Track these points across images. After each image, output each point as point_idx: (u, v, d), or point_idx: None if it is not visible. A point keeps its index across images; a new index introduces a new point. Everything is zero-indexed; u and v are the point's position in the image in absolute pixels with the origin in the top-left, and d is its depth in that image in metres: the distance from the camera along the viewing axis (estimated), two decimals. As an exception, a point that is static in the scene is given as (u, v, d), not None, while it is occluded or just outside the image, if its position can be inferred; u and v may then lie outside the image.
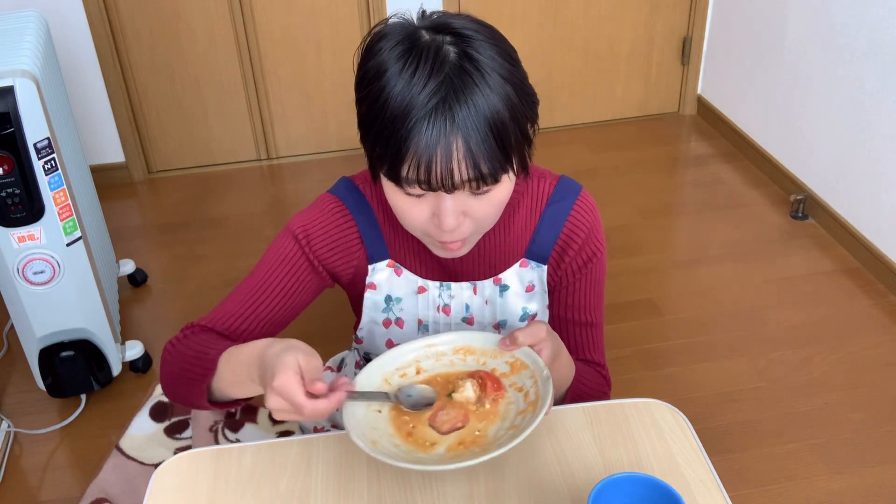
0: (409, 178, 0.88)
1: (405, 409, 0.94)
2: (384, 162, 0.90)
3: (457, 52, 0.87)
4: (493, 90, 0.86)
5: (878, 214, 2.43)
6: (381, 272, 1.11)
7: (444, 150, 0.86)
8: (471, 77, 0.85)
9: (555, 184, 1.11)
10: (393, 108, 0.86)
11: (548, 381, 0.91)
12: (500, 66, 0.88)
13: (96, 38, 2.84)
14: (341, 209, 1.10)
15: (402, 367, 1.00)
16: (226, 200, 3.00)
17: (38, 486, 1.90)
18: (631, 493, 0.82)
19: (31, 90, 1.67)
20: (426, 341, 1.01)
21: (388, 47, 0.88)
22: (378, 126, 0.89)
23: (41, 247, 1.80)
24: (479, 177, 0.88)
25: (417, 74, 0.85)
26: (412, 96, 0.85)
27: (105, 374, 2.05)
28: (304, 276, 1.09)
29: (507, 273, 1.12)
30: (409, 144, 0.86)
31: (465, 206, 0.93)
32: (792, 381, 2.09)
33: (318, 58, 3.05)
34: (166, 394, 1.06)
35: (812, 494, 1.79)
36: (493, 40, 0.89)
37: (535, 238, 1.10)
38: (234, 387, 0.94)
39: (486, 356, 0.99)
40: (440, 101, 0.85)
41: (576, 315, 1.15)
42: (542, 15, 3.13)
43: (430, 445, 0.91)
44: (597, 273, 1.14)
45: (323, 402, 0.83)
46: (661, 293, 2.43)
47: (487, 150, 0.87)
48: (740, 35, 3.07)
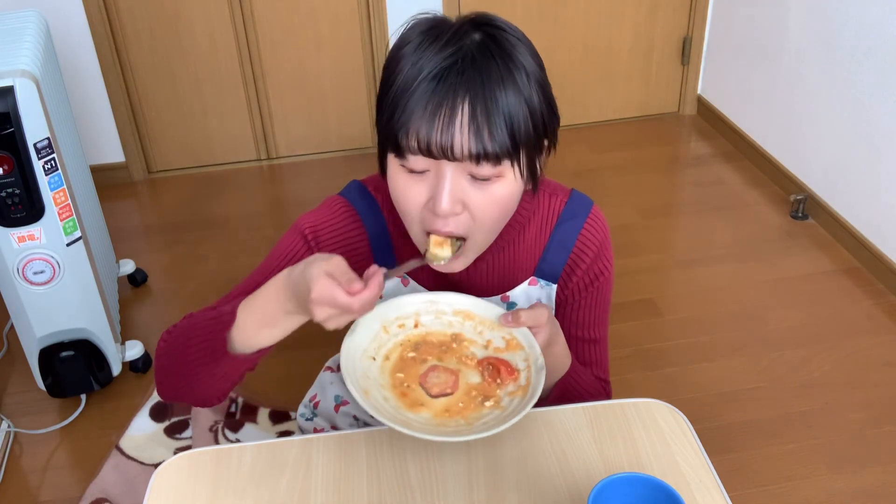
0: (411, 146, 0.87)
1: (435, 267, 0.95)
2: (389, 131, 0.88)
3: (481, 36, 0.87)
4: (510, 74, 0.86)
5: (878, 214, 2.43)
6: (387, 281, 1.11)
7: (449, 112, 0.85)
8: (490, 53, 0.86)
9: (566, 200, 1.09)
10: (405, 73, 0.86)
11: (541, 371, 0.91)
12: (529, 63, 0.88)
13: (96, 38, 2.84)
14: (351, 213, 1.08)
15: (402, 318, 1.00)
16: (226, 200, 3.00)
17: (38, 486, 1.90)
18: (631, 493, 0.82)
19: (31, 90, 1.67)
20: (429, 296, 1.01)
21: (416, 31, 0.89)
22: (388, 93, 0.88)
23: (41, 247, 1.80)
24: (482, 151, 0.86)
25: (434, 45, 0.86)
26: (423, 62, 0.85)
27: (105, 374, 2.05)
28: None
29: (515, 291, 1.10)
30: (415, 108, 0.85)
31: (464, 194, 0.90)
32: (792, 381, 2.09)
33: (318, 58, 3.05)
34: (162, 387, 1.00)
35: (812, 494, 1.79)
36: (526, 42, 0.90)
37: (545, 256, 1.09)
38: (264, 331, 0.89)
39: (483, 325, 0.99)
40: (451, 65, 0.85)
41: (580, 331, 1.15)
42: (542, 15, 3.14)
43: (418, 406, 0.91)
44: (603, 291, 1.13)
45: (367, 292, 0.82)
46: (661, 293, 2.43)
47: (494, 123, 0.85)
48: (740, 35, 3.07)
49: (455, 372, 0.95)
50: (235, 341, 0.90)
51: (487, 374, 0.95)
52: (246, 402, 2.02)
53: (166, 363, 0.99)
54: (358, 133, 3.21)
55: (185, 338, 0.96)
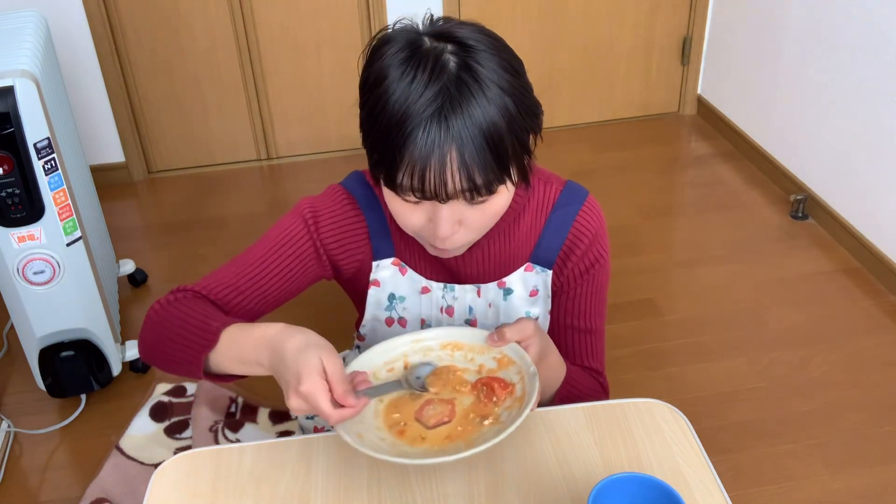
0: (404, 186, 0.89)
1: (417, 390, 0.95)
2: (381, 168, 0.90)
3: (457, 61, 0.86)
4: (490, 101, 0.86)
5: (878, 214, 2.43)
6: (385, 269, 1.11)
7: (439, 160, 0.85)
8: (468, 88, 0.85)
9: (561, 188, 1.10)
10: (390, 114, 0.86)
11: (534, 378, 0.91)
12: (501, 78, 0.87)
13: (96, 38, 2.84)
14: (351, 202, 1.10)
15: (390, 362, 1.00)
16: (226, 200, 3.00)
17: (38, 486, 1.90)
18: (631, 493, 0.82)
19: (31, 90, 1.67)
20: (413, 336, 1.02)
21: (390, 52, 0.88)
22: (376, 132, 0.89)
23: (41, 247, 1.80)
24: (473, 188, 0.88)
25: (416, 82, 0.85)
26: (409, 104, 0.85)
27: (105, 374, 2.05)
28: (306, 260, 1.08)
29: (511, 277, 1.11)
30: (405, 152, 0.86)
31: (461, 215, 0.93)
32: (792, 381, 2.09)
33: (318, 58, 3.05)
34: (144, 354, 1.04)
35: (812, 494, 1.79)
36: (495, 51, 0.89)
37: (540, 242, 1.10)
38: (236, 364, 0.93)
39: (473, 352, 1.00)
40: (436, 111, 0.84)
41: (576, 321, 1.15)
42: (542, 15, 3.13)
43: (419, 440, 0.91)
44: (599, 279, 1.13)
45: (350, 411, 0.84)
46: (661, 293, 2.43)
47: (482, 161, 0.86)
48: (740, 35, 3.07)
49: (450, 401, 0.95)
50: (210, 360, 0.95)
51: (483, 394, 0.95)
52: (246, 402, 2.02)
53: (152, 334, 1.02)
54: (357, 133, 3.18)
55: (167, 330, 0.99)
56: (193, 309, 0.99)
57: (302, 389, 0.82)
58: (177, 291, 1.05)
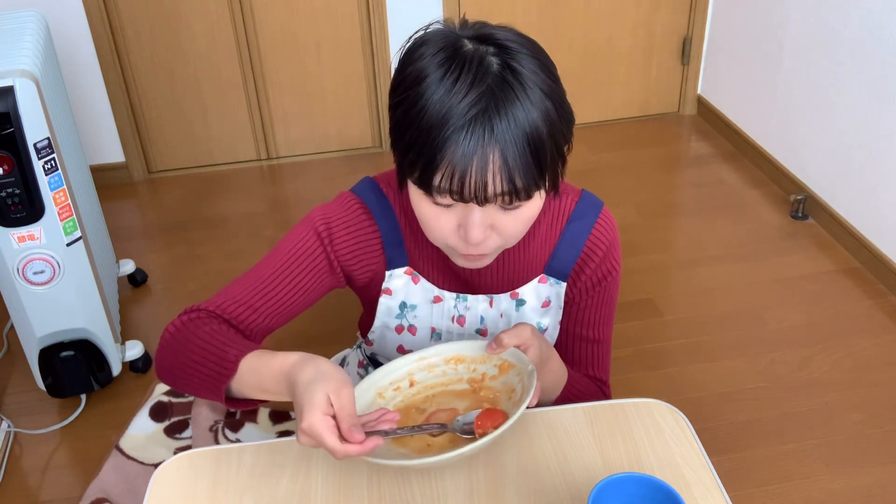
0: (442, 188, 0.87)
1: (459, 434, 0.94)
2: (416, 169, 0.88)
3: (499, 63, 0.85)
4: (533, 105, 0.85)
5: (878, 214, 2.43)
6: (398, 279, 1.10)
7: (481, 162, 0.84)
8: (513, 90, 0.84)
9: (576, 199, 1.10)
10: (431, 114, 0.84)
11: (532, 375, 0.92)
12: (542, 81, 0.87)
13: (96, 38, 2.84)
14: (364, 211, 1.08)
15: (396, 381, 1.01)
16: (226, 200, 3.00)
17: (38, 486, 1.90)
18: (631, 493, 0.82)
19: (31, 90, 1.67)
20: (417, 355, 1.02)
21: (429, 53, 0.87)
22: (413, 132, 0.87)
23: (41, 247, 1.80)
24: (513, 191, 0.87)
25: (459, 83, 0.84)
26: (452, 105, 0.84)
27: (105, 374, 2.05)
28: (320, 274, 1.06)
29: (525, 288, 1.11)
30: (445, 153, 0.84)
31: (494, 220, 0.91)
32: (792, 381, 2.09)
33: (318, 58, 3.05)
34: (163, 378, 1.02)
35: (812, 494, 1.79)
36: (535, 54, 0.88)
37: (555, 254, 1.09)
38: (258, 392, 0.92)
39: (476, 363, 1.01)
40: (480, 112, 0.83)
41: (584, 331, 1.15)
42: (541, 15, 3.13)
43: (424, 450, 0.92)
44: (610, 291, 1.13)
45: (357, 448, 0.82)
46: (661, 293, 2.43)
47: (524, 164, 0.85)
48: (740, 35, 3.07)
49: (454, 410, 0.96)
50: (231, 387, 0.94)
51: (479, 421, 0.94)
52: (246, 402, 2.02)
53: (168, 359, 1.01)
54: (358, 133, 3.21)
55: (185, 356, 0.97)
56: (208, 333, 0.97)
57: (302, 426, 0.82)
58: (189, 312, 1.02)
